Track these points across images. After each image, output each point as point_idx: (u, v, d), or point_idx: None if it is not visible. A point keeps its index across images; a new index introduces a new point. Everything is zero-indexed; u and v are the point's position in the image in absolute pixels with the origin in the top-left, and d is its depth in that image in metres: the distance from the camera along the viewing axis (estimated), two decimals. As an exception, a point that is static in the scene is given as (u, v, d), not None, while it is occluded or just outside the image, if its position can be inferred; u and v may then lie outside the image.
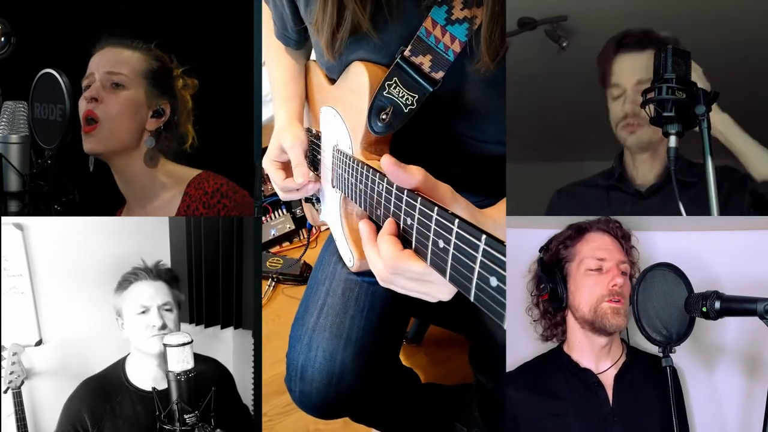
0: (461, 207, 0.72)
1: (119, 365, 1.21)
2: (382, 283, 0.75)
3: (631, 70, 1.17)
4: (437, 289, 0.71)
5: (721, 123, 1.06)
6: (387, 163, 0.68)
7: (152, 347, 1.15)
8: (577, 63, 1.39)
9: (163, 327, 1.17)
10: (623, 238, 1.11)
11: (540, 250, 1.15)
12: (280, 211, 2.11)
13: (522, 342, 1.17)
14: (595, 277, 1.07)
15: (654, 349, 1.11)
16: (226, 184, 1.20)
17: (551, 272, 1.10)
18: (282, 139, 1.05)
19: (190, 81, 1.26)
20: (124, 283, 1.20)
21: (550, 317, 1.12)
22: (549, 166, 1.60)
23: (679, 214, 1.04)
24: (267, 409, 1.61)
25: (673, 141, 1.05)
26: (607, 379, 1.08)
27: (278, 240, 2.10)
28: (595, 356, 1.09)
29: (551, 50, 1.37)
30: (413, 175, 0.68)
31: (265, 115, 1.65)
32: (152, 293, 1.19)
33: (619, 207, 1.23)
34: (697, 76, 1.07)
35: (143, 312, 1.17)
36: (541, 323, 1.14)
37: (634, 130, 1.18)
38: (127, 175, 1.23)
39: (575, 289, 1.08)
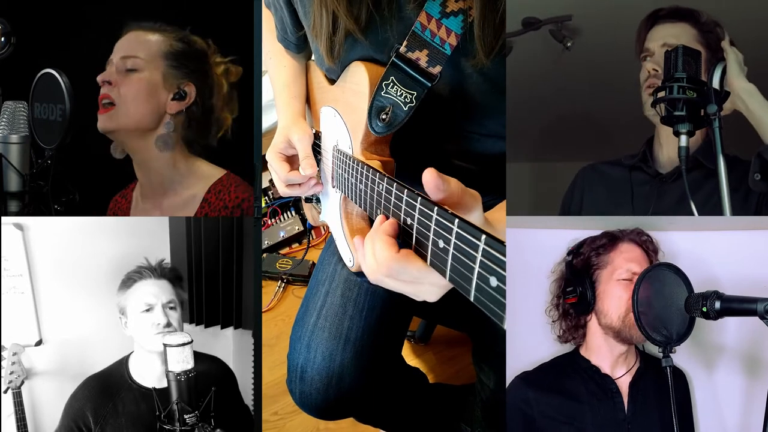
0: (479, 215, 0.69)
1: (122, 363, 1.21)
2: (372, 281, 0.73)
3: (661, 36, 1.17)
4: (426, 290, 0.70)
5: (745, 91, 1.04)
6: (430, 179, 0.63)
7: (157, 345, 1.15)
8: (581, 63, 1.38)
9: (168, 325, 1.17)
10: (653, 252, 1.12)
11: (568, 254, 1.15)
12: (288, 212, 2.11)
13: (528, 343, 1.17)
14: (625, 286, 1.07)
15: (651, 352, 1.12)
16: (248, 199, 1.19)
17: (581, 276, 1.10)
18: (290, 133, 1.04)
19: (234, 69, 1.25)
20: (128, 281, 1.20)
21: (571, 319, 1.12)
22: (552, 166, 1.59)
23: (690, 213, 1.04)
24: (277, 408, 1.63)
25: (683, 140, 1.05)
26: (622, 386, 1.08)
27: (287, 241, 2.10)
28: (613, 362, 1.09)
29: (556, 50, 1.36)
30: (449, 187, 0.64)
31: (267, 122, 1.65)
32: (157, 291, 1.19)
33: (639, 187, 1.22)
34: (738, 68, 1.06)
35: (148, 310, 1.17)
36: (561, 325, 1.14)
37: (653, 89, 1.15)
38: (144, 160, 1.22)
39: (604, 296, 1.08)
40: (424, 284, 0.68)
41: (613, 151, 1.31)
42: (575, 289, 1.10)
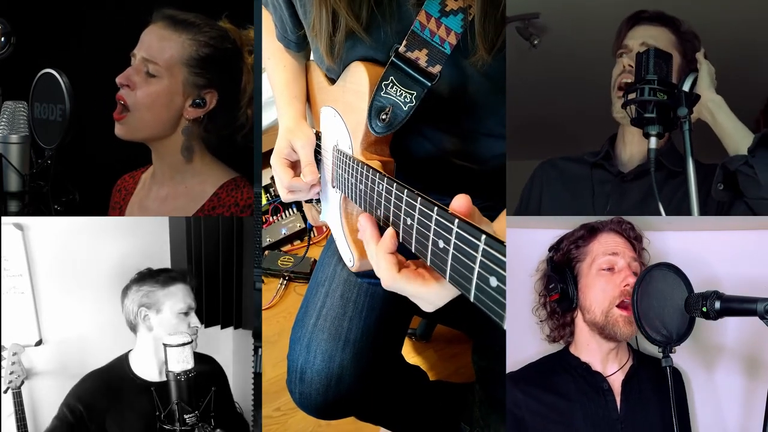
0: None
1: (122, 360, 1.22)
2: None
3: (641, 35, 1.17)
4: (422, 304, 0.75)
5: (712, 102, 1.04)
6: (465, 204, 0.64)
7: (178, 339, 1.17)
8: (548, 61, 1.38)
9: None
10: (635, 239, 1.10)
11: (549, 250, 1.14)
12: (290, 210, 2.12)
13: (526, 342, 1.16)
14: (606, 277, 1.05)
15: (653, 350, 1.11)
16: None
17: (562, 272, 1.09)
18: (293, 138, 1.04)
19: None
20: (168, 280, 1.22)
21: (558, 318, 1.11)
22: (513, 165, 1.59)
23: (657, 213, 1.04)
24: (280, 404, 1.63)
25: (653, 142, 1.05)
26: (615, 384, 1.07)
27: (289, 239, 2.11)
28: (603, 359, 1.08)
29: (522, 47, 1.36)
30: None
31: (267, 120, 1.65)
32: (192, 296, 1.23)
33: (600, 186, 1.23)
34: (708, 76, 1.06)
35: (186, 313, 1.21)
36: (549, 324, 1.13)
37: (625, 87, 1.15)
38: (162, 154, 1.23)
39: (586, 289, 1.07)
40: (421, 299, 0.74)
41: (575, 149, 1.31)
42: (556, 285, 1.09)
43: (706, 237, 1.15)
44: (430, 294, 0.72)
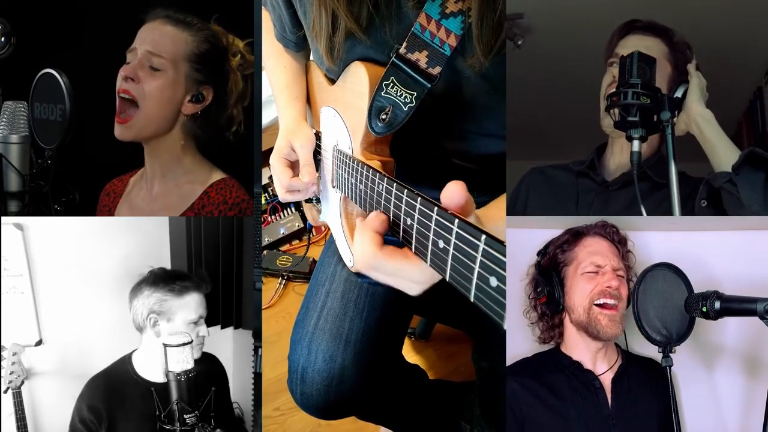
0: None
1: (125, 361, 1.22)
2: (357, 270, 0.76)
3: (633, 45, 1.16)
4: (404, 285, 0.72)
5: (701, 117, 1.05)
6: (460, 192, 0.61)
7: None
8: (532, 61, 1.38)
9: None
10: (620, 243, 1.11)
11: (538, 254, 1.15)
12: (288, 209, 2.12)
13: (520, 341, 1.17)
14: (590, 277, 1.07)
15: (648, 352, 1.12)
16: (247, 202, 1.19)
17: (548, 276, 1.11)
18: (293, 138, 1.04)
19: (250, 58, 1.23)
20: (183, 289, 1.20)
21: (547, 319, 1.13)
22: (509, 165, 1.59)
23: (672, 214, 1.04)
24: (279, 404, 1.63)
25: (636, 145, 1.06)
26: (605, 382, 1.08)
27: (288, 238, 2.11)
28: (592, 357, 1.09)
29: (507, 48, 1.36)
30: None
31: (266, 118, 1.64)
32: (204, 303, 1.23)
33: (584, 194, 1.23)
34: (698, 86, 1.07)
35: (196, 322, 1.20)
36: (539, 326, 1.15)
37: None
38: (155, 151, 1.22)
39: (571, 291, 1.09)
40: (403, 279, 0.71)
41: (559, 152, 1.31)
42: (543, 288, 1.11)
43: (706, 237, 1.15)
44: (413, 271, 0.69)
